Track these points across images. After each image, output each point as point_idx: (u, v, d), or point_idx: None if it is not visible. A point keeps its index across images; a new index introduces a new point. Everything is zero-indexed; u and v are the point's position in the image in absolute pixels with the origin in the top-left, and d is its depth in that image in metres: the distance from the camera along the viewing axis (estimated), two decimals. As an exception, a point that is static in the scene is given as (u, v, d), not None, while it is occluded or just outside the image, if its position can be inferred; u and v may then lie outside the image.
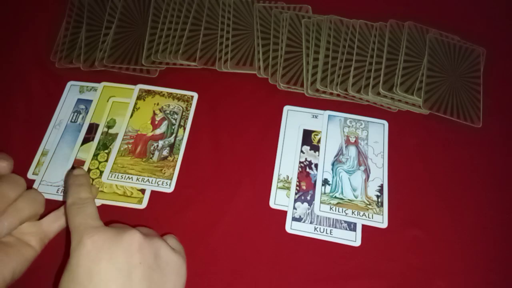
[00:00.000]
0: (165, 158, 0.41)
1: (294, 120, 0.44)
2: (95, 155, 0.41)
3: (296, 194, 0.40)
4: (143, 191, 0.40)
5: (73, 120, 0.43)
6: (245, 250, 0.38)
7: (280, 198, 0.40)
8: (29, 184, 0.39)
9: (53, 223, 0.35)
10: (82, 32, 0.47)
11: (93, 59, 0.46)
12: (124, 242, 0.29)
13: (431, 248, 0.38)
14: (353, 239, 0.38)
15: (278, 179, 0.41)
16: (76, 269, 0.28)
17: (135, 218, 0.38)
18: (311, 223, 0.39)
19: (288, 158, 0.42)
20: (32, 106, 0.44)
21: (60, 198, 0.39)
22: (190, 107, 0.44)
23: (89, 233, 0.29)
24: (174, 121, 0.43)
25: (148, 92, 0.44)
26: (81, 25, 0.47)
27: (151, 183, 0.40)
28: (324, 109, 0.44)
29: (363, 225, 0.39)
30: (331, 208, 0.39)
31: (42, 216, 0.34)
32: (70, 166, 0.40)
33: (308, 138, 0.43)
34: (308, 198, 0.40)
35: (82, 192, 0.32)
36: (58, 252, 0.36)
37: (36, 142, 0.42)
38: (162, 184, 0.40)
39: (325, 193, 0.40)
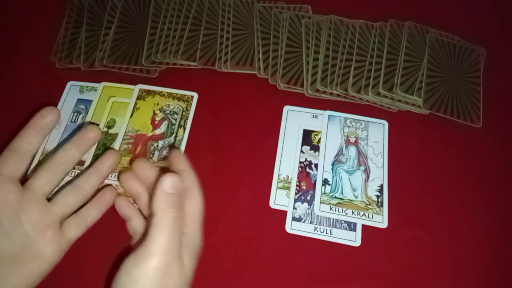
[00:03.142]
0: (165, 158, 0.41)
1: (294, 120, 0.44)
2: (95, 155, 0.41)
3: (296, 194, 0.40)
4: (143, 191, 0.40)
5: (73, 120, 0.43)
6: (245, 250, 0.38)
7: (280, 198, 0.40)
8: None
9: (75, 229, 0.34)
10: (82, 32, 0.47)
11: (93, 59, 0.46)
12: None
13: (431, 248, 0.38)
14: (353, 239, 0.38)
15: (278, 179, 0.41)
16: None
17: (135, 218, 0.38)
18: (311, 223, 0.39)
19: (288, 158, 0.42)
20: (32, 106, 0.44)
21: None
22: (190, 107, 0.44)
23: None
24: (174, 121, 0.43)
25: (148, 92, 0.44)
26: (81, 25, 0.47)
27: (151, 183, 0.40)
28: (324, 109, 0.44)
29: (363, 225, 0.39)
30: (331, 208, 0.39)
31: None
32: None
33: (308, 138, 0.43)
34: (308, 198, 0.40)
35: None
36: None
37: (36, 142, 0.42)
38: (162, 184, 0.40)
39: (325, 193, 0.40)
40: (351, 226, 0.39)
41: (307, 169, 0.41)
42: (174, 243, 0.27)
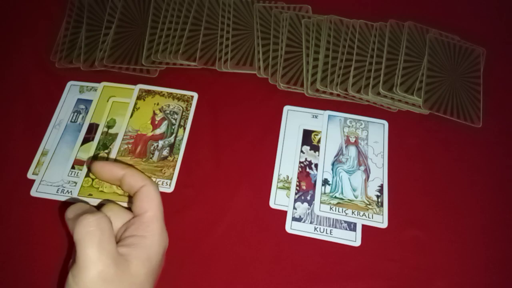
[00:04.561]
0: (165, 158, 0.41)
1: (294, 120, 0.44)
2: (95, 155, 0.41)
3: (296, 194, 0.40)
4: (143, 191, 0.40)
5: (73, 120, 0.43)
6: (245, 250, 0.38)
7: (280, 198, 0.40)
8: (29, 184, 0.39)
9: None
10: (82, 32, 0.47)
11: (93, 59, 0.46)
12: None
13: (431, 248, 0.38)
14: (353, 239, 0.38)
15: (278, 179, 0.41)
16: None
17: (135, 218, 0.38)
18: (311, 223, 0.39)
19: (288, 158, 0.42)
20: (32, 106, 0.44)
21: (60, 198, 0.39)
22: (190, 107, 0.44)
23: None
24: (174, 121, 0.43)
25: (148, 92, 0.45)
26: (81, 25, 0.47)
27: (151, 183, 0.40)
28: (324, 109, 0.44)
29: (363, 225, 0.39)
30: (331, 208, 0.39)
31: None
32: (70, 166, 0.40)
33: (308, 138, 0.43)
34: (308, 198, 0.40)
35: None
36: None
37: (36, 142, 0.42)
38: (162, 184, 0.40)
39: (325, 193, 0.40)
40: (351, 226, 0.39)
41: (307, 169, 0.41)
42: (103, 250, 0.27)
